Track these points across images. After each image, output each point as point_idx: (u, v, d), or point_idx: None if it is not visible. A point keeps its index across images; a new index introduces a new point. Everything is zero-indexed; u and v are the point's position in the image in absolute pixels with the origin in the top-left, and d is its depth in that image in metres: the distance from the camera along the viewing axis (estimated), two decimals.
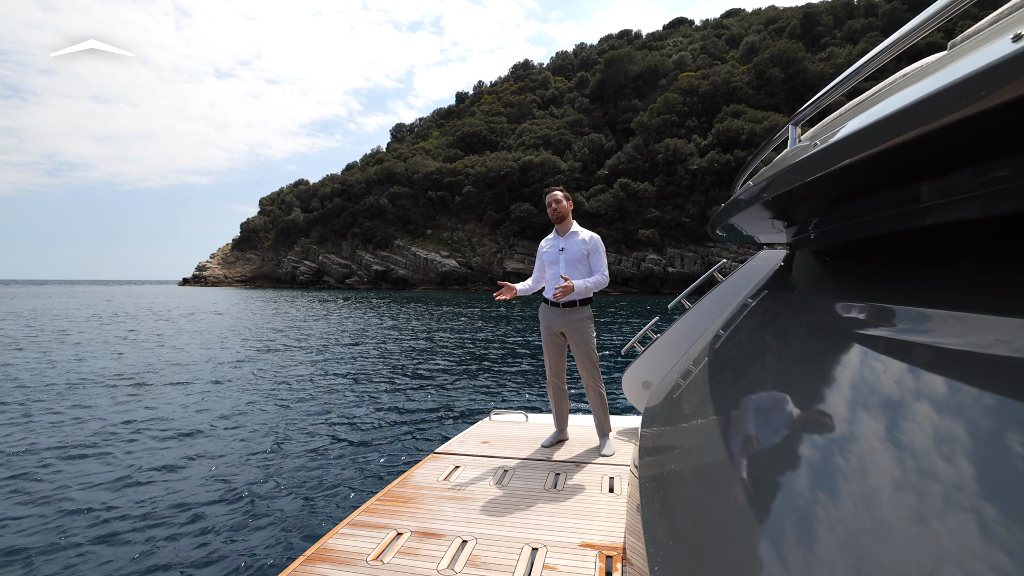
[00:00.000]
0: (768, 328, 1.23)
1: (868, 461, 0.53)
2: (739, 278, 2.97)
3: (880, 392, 0.59)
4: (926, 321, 0.63)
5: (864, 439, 0.56)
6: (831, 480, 0.56)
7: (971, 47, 0.56)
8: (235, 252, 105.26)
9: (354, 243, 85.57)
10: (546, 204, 3.32)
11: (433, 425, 6.22)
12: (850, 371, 0.70)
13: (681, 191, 66.92)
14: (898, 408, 0.54)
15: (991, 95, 0.44)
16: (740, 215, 1.38)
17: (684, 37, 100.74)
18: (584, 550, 2.08)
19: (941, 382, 0.52)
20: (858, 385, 0.65)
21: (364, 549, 2.08)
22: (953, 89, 0.48)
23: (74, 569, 3.08)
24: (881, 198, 0.83)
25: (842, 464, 0.56)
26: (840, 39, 76.53)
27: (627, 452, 3.30)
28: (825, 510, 0.53)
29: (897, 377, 0.59)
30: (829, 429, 0.63)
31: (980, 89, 0.45)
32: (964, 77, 0.46)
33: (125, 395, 7.83)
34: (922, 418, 0.51)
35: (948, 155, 0.59)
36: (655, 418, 1.43)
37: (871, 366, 0.66)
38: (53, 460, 4.96)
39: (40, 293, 64.09)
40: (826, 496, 0.54)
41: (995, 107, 0.44)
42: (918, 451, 0.47)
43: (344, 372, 9.91)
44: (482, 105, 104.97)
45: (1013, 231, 0.59)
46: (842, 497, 0.52)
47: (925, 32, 0.71)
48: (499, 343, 14.31)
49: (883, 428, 0.54)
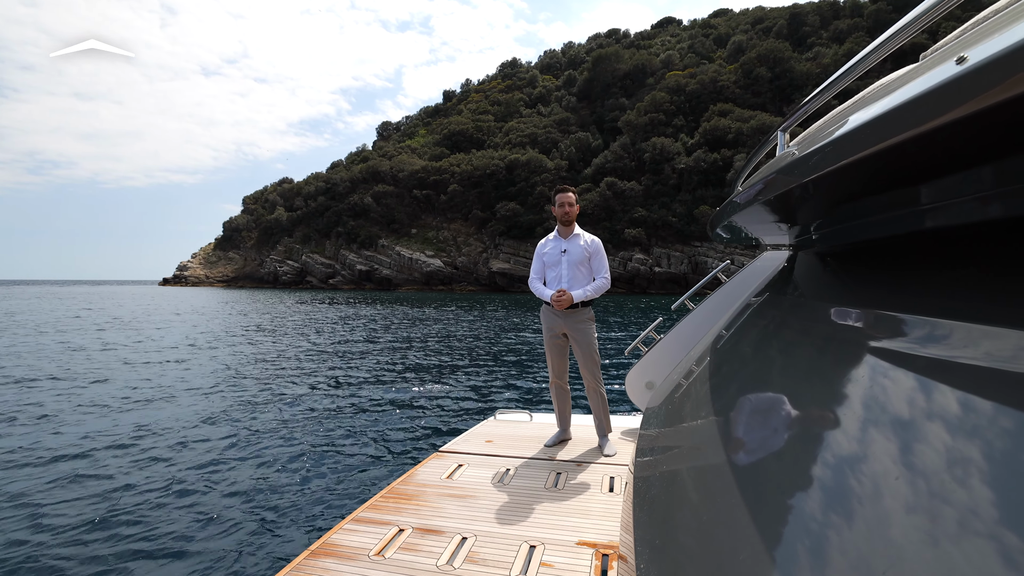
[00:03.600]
0: (771, 330, 1.23)
1: (869, 467, 0.52)
2: (742, 279, 2.94)
3: (885, 397, 0.58)
4: (931, 326, 0.62)
5: (865, 444, 0.55)
6: (827, 484, 0.55)
7: (931, 63, 0.58)
8: (217, 252, 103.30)
9: (338, 242, 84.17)
10: (557, 203, 3.28)
11: (438, 424, 6.31)
12: (852, 375, 0.69)
13: (668, 190, 66.46)
14: (902, 414, 0.53)
15: (938, 115, 0.46)
16: (737, 216, 1.42)
17: (672, 36, 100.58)
18: (581, 548, 2.11)
19: (948, 390, 0.51)
20: (861, 389, 0.64)
21: (367, 544, 2.14)
22: (908, 105, 0.50)
23: (74, 565, 3.13)
24: (874, 201, 0.84)
25: (840, 469, 0.55)
26: (826, 39, 76.73)
27: (628, 452, 3.26)
28: (821, 515, 0.52)
29: (903, 382, 0.58)
30: (828, 433, 0.63)
31: (928, 108, 0.47)
32: (915, 96, 0.49)
33: (133, 395, 7.88)
34: (928, 425, 0.50)
35: (929, 161, 0.60)
36: (654, 418, 1.45)
37: (875, 370, 0.65)
38: (96, 451, 5.18)
39: (9, 295, 61.85)
40: (822, 500, 0.54)
41: (944, 124, 0.46)
42: (923, 458, 0.47)
43: (349, 372, 9.99)
44: (469, 103, 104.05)
45: (1014, 236, 0.59)
46: (840, 502, 0.51)
47: (908, 36, 0.72)
48: (505, 343, 14.35)
49: (886, 434, 0.53)
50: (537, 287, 3.34)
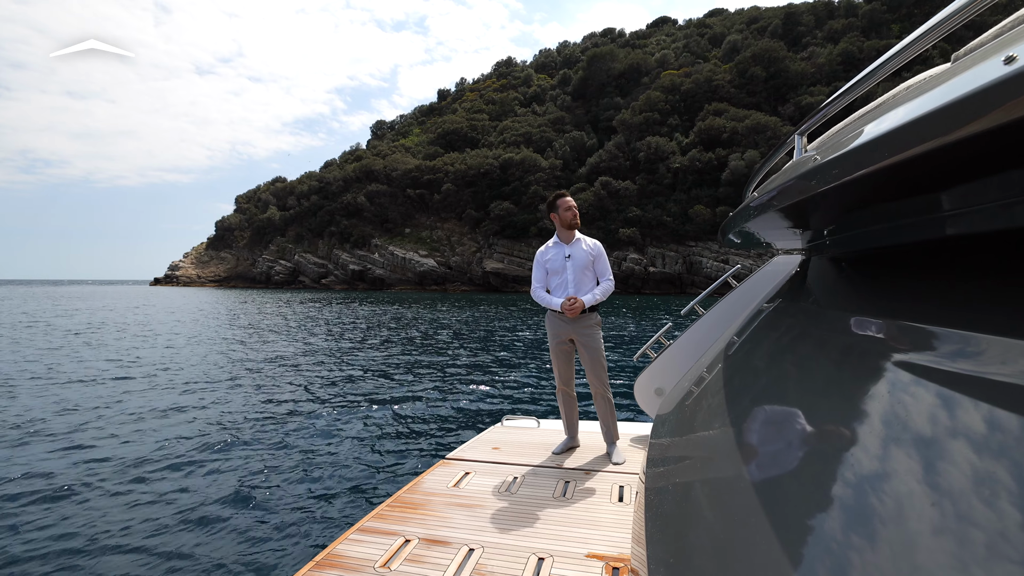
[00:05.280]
0: (784, 337, 1.21)
1: (889, 480, 0.50)
2: (753, 284, 2.91)
3: (903, 409, 0.56)
4: (953, 337, 0.61)
5: (884, 458, 0.53)
6: (847, 499, 0.53)
7: (970, 63, 0.56)
8: (209, 251, 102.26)
9: (331, 242, 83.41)
10: (562, 208, 3.25)
11: (444, 430, 6.18)
12: (869, 385, 0.67)
13: (663, 190, 66.08)
14: (922, 426, 0.52)
15: (982, 116, 0.44)
16: (753, 222, 1.39)
17: (667, 36, 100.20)
18: (591, 561, 2.07)
19: (970, 402, 0.50)
20: (877, 400, 0.62)
21: (372, 556, 2.11)
22: (948, 108, 0.48)
23: (73, 571, 3.06)
24: (889, 208, 0.83)
25: (860, 483, 0.53)
26: (821, 39, 76.48)
27: (638, 460, 3.21)
28: (843, 531, 0.50)
29: (923, 395, 0.56)
30: (846, 446, 0.61)
31: (972, 110, 0.45)
32: (958, 98, 0.47)
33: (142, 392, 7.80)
34: (949, 439, 0.48)
35: (950, 169, 0.58)
36: (665, 426, 1.42)
37: (893, 381, 0.64)
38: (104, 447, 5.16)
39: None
40: (843, 516, 0.51)
41: (986, 128, 0.44)
42: (946, 475, 0.45)
43: (350, 374, 9.84)
44: (464, 102, 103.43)
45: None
46: (861, 517, 0.49)
47: (931, 41, 0.70)
48: (507, 345, 14.23)
49: (906, 448, 0.52)
50: (542, 296, 3.27)
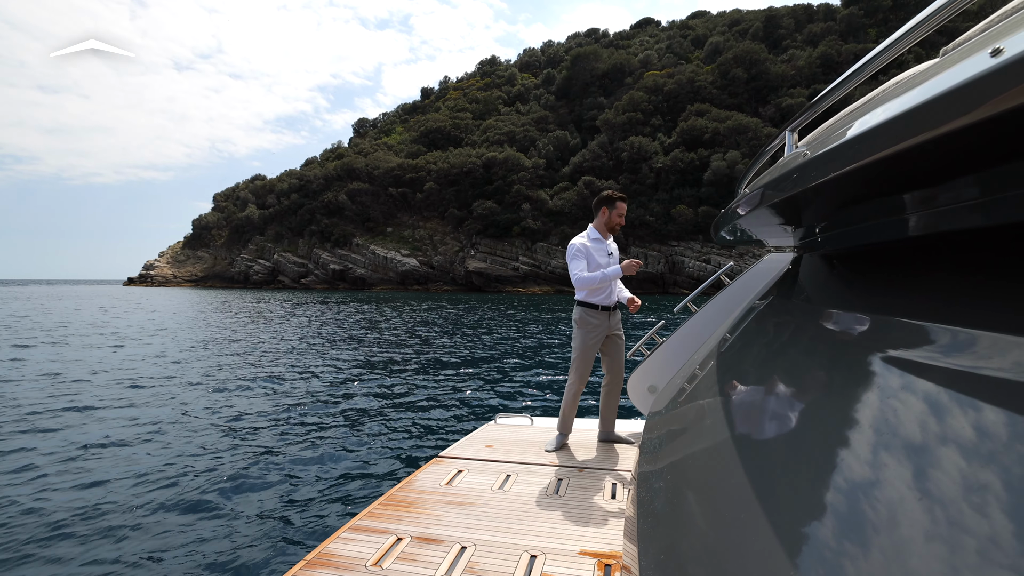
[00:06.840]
0: (776, 333, 1.22)
1: (876, 474, 0.50)
2: (746, 282, 2.94)
3: (892, 404, 0.57)
4: (942, 332, 0.61)
5: (873, 451, 0.53)
6: (837, 493, 0.53)
7: (957, 57, 0.56)
8: (186, 250, 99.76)
9: (311, 241, 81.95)
10: (617, 213, 3.32)
11: (438, 428, 6.13)
12: (859, 381, 0.67)
13: (645, 189, 66.25)
14: (910, 422, 0.52)
15: (970, 109, 0.44)
16: (744, 219, 1.39)
17: (651, 37, 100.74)
18: (583, 558, 2.08)
19: (957, 397, 0.50)
20: (867, 395, 0.63)
21: (364, 554, 2.11)
22: (937, 101, 0.48)
23: (70, 571, 3.05)
24: (881, 204, 0.82)
25: (850, 477, 0.54)
26: (800, 42, 77.55)
27: (631, 457, 3.25)
28: (833, 525, 0.50)
29: (911, 389, 0.57)
30: (836, 441, 0.61)
31: (960, 103, 0.45)
32: (946, 91, 0.47)
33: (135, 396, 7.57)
34: (937, 434, 0.49)
35: (939, 166, 0.58)
36: (657, 423, 1.42)
37: (883, 377, 0.64)
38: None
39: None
40: (832, 510, 0.52)
41: (975, 121, 0.44)
42: (934, 469, 0.45)
43: (341, 373, 9.67)
44: (447, 101, 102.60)
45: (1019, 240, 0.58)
46: (850, 511, 0.49)
47: (918, 38, 0.70)
48: (499, 344, 14.11)
49: (894, 443, 0.52)
50: (593, 276, 3.23)
